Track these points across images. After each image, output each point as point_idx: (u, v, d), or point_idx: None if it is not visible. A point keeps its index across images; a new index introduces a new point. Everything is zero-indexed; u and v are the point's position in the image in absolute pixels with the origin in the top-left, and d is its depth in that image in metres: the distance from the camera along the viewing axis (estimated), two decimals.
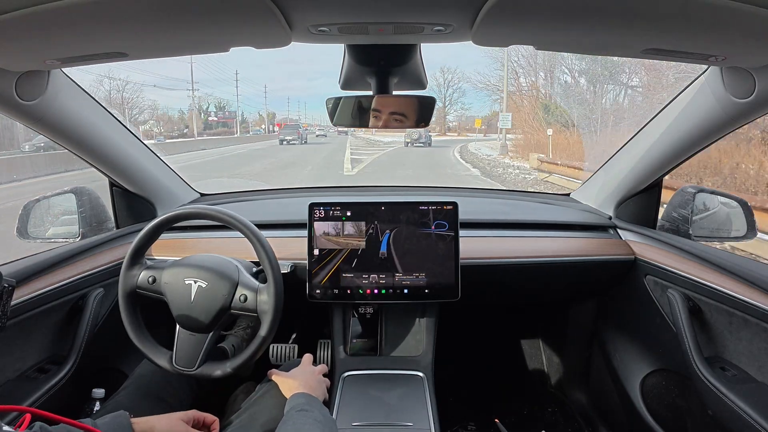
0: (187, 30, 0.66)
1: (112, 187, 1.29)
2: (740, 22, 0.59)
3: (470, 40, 0.70)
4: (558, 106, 19.60)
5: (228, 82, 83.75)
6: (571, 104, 19.14)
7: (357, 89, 0.95)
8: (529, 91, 23.08)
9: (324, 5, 0.60)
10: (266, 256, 0.93)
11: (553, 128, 16.71)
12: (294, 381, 0.92)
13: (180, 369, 0.92)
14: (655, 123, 1.13)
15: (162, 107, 46.24)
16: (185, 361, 0.92)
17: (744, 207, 1.20)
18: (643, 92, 16.76)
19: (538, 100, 21.38)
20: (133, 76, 59.64)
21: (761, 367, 0.90)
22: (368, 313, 1.26)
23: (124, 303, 0.95)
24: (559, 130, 17.10)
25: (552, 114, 19.15)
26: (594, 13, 0.59)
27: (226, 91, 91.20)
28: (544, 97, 21.56)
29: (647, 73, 15.82)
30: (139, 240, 0.95)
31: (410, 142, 22.74)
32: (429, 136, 24.29)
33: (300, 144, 25.65)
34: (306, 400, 0.84)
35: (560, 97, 20.76)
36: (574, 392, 1.60)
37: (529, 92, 23.07)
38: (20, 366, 0.94)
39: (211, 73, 70.63)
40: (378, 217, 1.14)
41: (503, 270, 1.26)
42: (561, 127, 17.38)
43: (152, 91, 66.26)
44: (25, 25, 0.60)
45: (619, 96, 18.86)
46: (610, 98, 19.00)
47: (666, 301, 1.10)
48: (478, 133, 34.99)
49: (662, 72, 13.95)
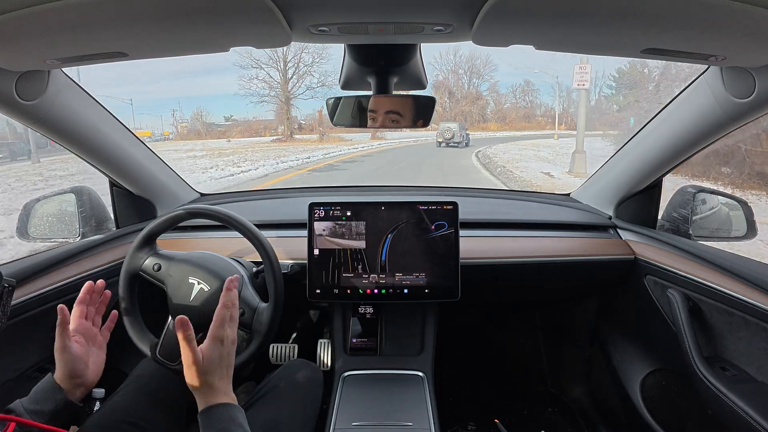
0: (187, 30, 0.66)
1: (113, 187, 1.29)
2: (740, 22, 0.59)
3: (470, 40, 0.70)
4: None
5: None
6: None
7: (357, 89, 0.95)
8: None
9: (324, 5, 0.60)
10: (271, 267, 0.95)
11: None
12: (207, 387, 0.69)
13: (161, 360, 0.93)
14: (655, 123, 1.13)
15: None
16: (168, 353, 0.93)
17: (744, 207, 1.20)
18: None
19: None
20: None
21: (761, 367, 0.90)
22: (368, 313, 1.26)
23: (124, 281, 0.96)
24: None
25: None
26: (594, 13, 0.59)
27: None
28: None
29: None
30: (156, 226, 0.97)
31: (443, 142, 17.92)
32: (467, 135, 19.30)
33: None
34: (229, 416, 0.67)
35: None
36: (574, 392, 1.60)
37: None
38: (20, 366, 0.94)
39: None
40: (378, 216, 1.14)
41: (503, 270, 1.26)
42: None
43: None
44: (25, 25, 0.60)
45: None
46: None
47: (666, 300, 1.10)
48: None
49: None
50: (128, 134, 1.18)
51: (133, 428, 0.85)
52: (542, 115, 37.25)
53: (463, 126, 19.89)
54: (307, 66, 29.69)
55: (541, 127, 33.58)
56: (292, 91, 29.31)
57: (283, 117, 30.01)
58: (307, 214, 1.14)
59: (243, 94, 34.34)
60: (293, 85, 29.49)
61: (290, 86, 29.36)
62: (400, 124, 0.89)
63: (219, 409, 0.67)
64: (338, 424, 0.98)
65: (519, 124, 36.28)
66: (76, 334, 0.77)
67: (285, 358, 1.32)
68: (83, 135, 1.04)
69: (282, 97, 29.30)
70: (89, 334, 0.79)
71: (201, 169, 12.56)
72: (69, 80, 0.95)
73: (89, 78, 20.63)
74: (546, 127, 33.79)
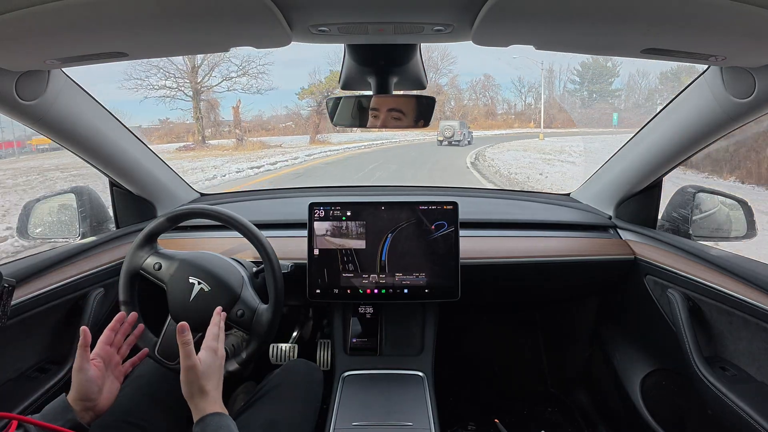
0: (187, 30, 0.66)
1: (113, 187, 1.29)
2: (740, 22, 0.59)
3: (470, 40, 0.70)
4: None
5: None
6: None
7: (357, 89, 0.95)
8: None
9: (324, 5, 0.60)
10: (271, 267, 0.95)
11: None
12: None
13: (160, 359, 0.93)
14: (655, 123, 1.13)
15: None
16: (168, 353, 0.93)
17: (744, 207, 1.20)
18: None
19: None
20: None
21: (761, 367, 0.90)
22: (368, 312, 1.26)
23: (124, 279, 0.96)
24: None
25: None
26: (594, 13, 0.59)
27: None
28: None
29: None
30: (157, 225, 0.98)
31: (443, 141, 17.47)
32: (469, 132, 18.73)
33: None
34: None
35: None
36: (574, 392, 1.60)
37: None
38: (20, 366, 0.95)
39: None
40: (378, 216, 1.14)
41: (503, 270, 1.26)
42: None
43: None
44: (25, 25, 0.60)
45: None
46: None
47: (666, 300, 1.10)
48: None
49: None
50: (128, 134, 1.19)
51: (133, 428, 0.85)
52: (505, 113, 34.38)
53: (464, 124, 19.16)
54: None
55: (508, 125, 30.58)
56: (202, 83, 20.15)
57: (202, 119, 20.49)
58: (307, 214, 1.14)
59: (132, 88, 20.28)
60: (204, 74, 20.21)
61: (200, 76, 20.13)
62: (401, 124, 0.89)
63: (214, 418, 0.69)
64: (338, 424, 0.98)
65: (484, 123, 32.53)
66: (96, 357, 0.77)
67: (285, 358, 1.32)
68: (83, 135, 1.04)
69: (188, 91, 19.97)
70: (110, 360, 0.79)
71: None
72: (69, 80, 0.95)
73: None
74: (514, 125, 31.12)
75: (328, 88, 21.76)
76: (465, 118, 27.27)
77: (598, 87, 30.63)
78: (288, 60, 49.76)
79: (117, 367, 0.80)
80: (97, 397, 0.73)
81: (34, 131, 0.95)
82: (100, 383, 0.74)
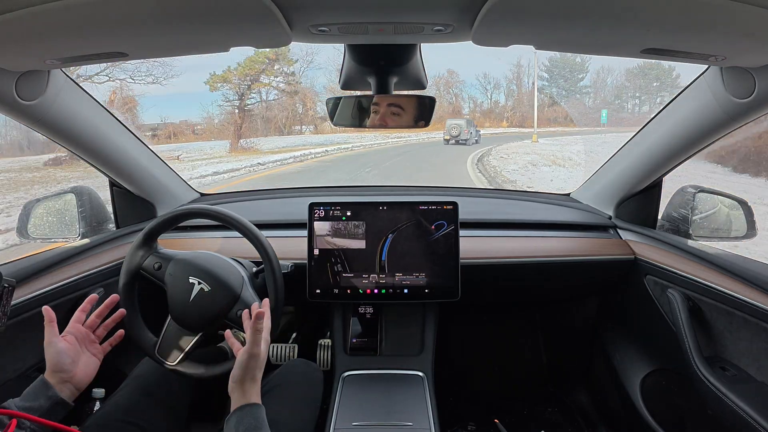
0: (188, 30, 0.66)
1: (113, 187, 1.29)
2: (740, 22, 0.59)
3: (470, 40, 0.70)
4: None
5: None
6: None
7: (357, 89, 0.95)
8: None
9: (324, 5, 0.60)
10: (271, 267, 0.95)
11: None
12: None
13: (159, 359, 0.93)
14: (655, 123, 1.13)
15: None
16: (167, 353, 0.93)
17: (744, 207, 1.20)
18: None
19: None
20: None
21: (761, 367, 0.90)
22: (368, 313, 1.26)
23: (124, 279, 0.96)
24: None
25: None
26: (594, 13, 0.59)
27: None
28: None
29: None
30: (157, 225, 0.97)
31: (450, 140, 16.87)
32: (477, 131, 18.07)
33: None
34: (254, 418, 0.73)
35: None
36: (574, 392, 1.60)
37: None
38: (20, 366, 0.94)
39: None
40: (378, 217, 1.14)
41: (503, 270, 1.26)
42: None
43: None
44: (25, 25, 0.60)
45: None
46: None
47: (666, 300, 1.10)
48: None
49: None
50: (128, 134, 1.18)
51: (133, 428, 0.85)
52: (471, 111, 31.76)
53: (471, 122, 18.68)
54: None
55: (479, 125, 26.59)
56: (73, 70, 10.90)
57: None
58: (307, 214, 1.14)
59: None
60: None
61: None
62: (401, 124, 0.89)
63: (255, 408, 0.74)
64: (338, 424, 0.98)
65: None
66: (68, 334, 0.79)
67: (285, 358, 1.32)
68: (83, 135, 1.04)
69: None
70: (83, 338, 0.81)
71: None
72: (69, 80, 0.95)
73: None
74: (485, 124, 28.62)
75: (248, 72, 16.84)
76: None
77: (566, 84, 29.48)
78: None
79: (93, 344, 0.82)
80: (72, 369, 0.75)
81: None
82: (71, 354, 0.76)
